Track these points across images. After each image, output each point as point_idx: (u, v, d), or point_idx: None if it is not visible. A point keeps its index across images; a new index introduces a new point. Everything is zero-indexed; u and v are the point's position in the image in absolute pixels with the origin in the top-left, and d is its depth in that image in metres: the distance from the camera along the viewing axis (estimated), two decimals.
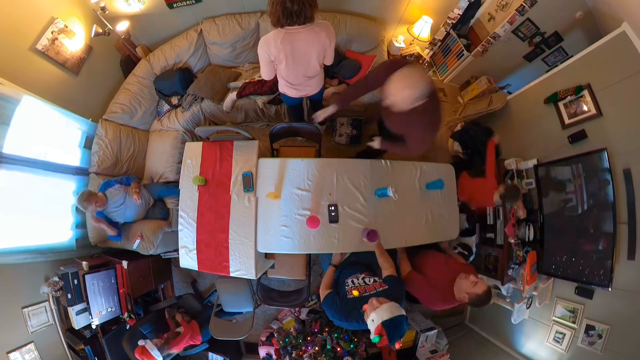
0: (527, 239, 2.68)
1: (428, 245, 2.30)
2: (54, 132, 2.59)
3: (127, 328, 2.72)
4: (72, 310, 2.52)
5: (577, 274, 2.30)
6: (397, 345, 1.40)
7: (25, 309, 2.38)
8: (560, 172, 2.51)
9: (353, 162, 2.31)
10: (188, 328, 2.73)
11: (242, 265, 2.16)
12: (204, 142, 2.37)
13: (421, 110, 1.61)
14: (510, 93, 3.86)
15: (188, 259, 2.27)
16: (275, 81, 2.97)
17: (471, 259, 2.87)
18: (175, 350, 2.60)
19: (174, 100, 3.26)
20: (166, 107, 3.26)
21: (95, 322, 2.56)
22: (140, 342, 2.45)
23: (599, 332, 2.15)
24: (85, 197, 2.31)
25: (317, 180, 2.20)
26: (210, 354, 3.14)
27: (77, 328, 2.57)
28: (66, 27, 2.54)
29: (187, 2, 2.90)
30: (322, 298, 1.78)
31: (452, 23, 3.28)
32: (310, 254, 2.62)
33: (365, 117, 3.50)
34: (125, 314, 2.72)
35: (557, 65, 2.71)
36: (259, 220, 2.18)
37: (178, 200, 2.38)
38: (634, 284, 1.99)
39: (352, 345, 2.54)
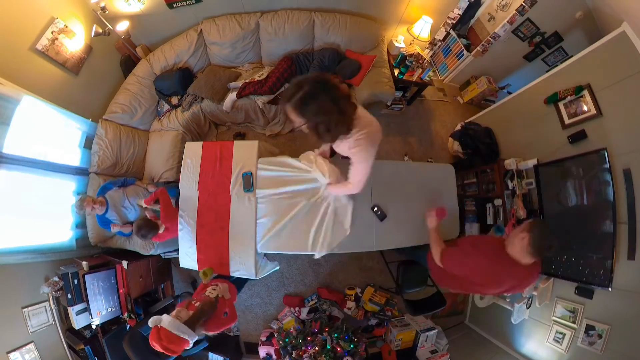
0: None
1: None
2: (54, 132, 2.59)
3: (127, 328, 2.72)
4: (72, 310, 2.52)
5: (577, 274, 2.30)
6: None
7: (25, 309, 2.38)
8: (560, 172, 2.51)
9: None
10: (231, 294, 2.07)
11: (242, 266, 2.16)
12: (204, 142, 2.37)
13: None
14: (510, 93, 3.87)
15: (188, 259, 2.27)
16: (275, 81, 2.99)
17: None
18: (212, 331, 1.83)
19: (174, 100, 3.26)
20: (166, 107, 3.26)
21: (96, 322, 2.56)
22: (154, 322, 1.57)
23: (599, 332, 2.15)
24: (82, 202, 2.31)
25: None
26: (210, 353, 3.14)
27: (77, 328, 2.57)
28: (66, 27, 2.54)
29: (187, 2, 2.90)
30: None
31: (452, 23, 3.28)
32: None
33: None
34: (125, 314, 2.72)
35: (557, 65, 2.71)
36: (259, 220, 2.17)
37: (178, 200, 2.38)
38: (634, 284, 1.99)
39: (352, 345, 2.54)
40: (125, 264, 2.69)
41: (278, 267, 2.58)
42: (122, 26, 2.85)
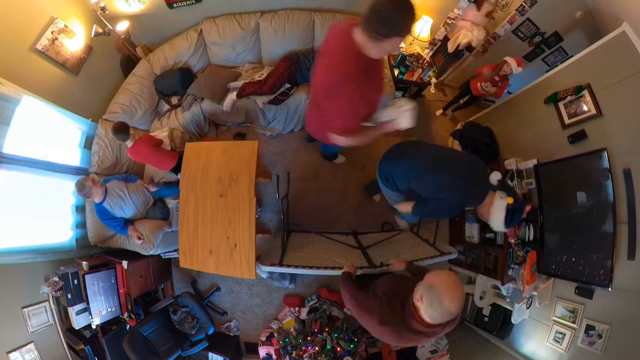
0: (527, 239, 2.68)
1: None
2: (54, 132, 2.59)
3: (127, 328, 2.72)
4: (72, 310, 2.52)
5: (577, 274, 2.30)
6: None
7: (25, 309, 2.38)
8: (560, 172, 2.51)
9: None
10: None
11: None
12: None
13: None
14: (510, 93, 3.87)
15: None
16: (275, 81, 2.99)
17: None
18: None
19: (174, 100, 3.26)
20: (166, 107, 3.26)
21: (96, 322, 2.56)
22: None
23: (599, 332, 2.14)
24: (82, 181, 2.30)
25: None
26: (210, 353, 3.14)
27: (77, 328, 2.57)
28: (66, 27, 2.54)
29: (187, 2, 2.90)
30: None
31: (452, 23, 3.28)
32: None
33: None
34: (125, 314, 2.72)
35: (557, 65, 2.71)
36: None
37: (178, 200, 2.37)
38: (634, 284, 1.99)
39: (352, 345, 2.54)
40: (125, 264, 2.69)
41: None
42: (122, 26, 2.85)
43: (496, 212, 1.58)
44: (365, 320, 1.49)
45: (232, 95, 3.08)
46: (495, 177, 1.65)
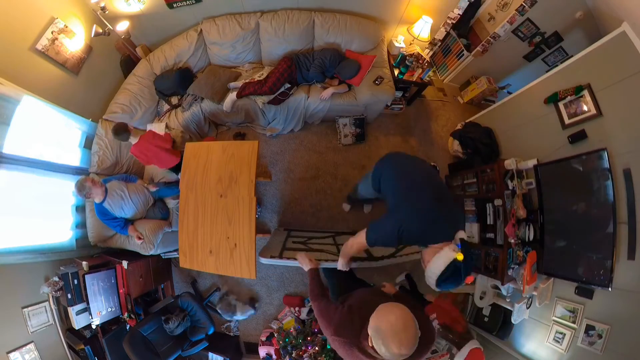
0: (527, 239, 2.68)
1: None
2: (54, 132, 2.59)
3: (127, 328, 2.72)
4: (72, 310, 2.52)
5: (577, 274, 2.30)
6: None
7: (25, 309, 2.38)
8: (560, 172, 2.51)
9: None
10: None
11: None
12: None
13: None
14: (510, 93, 3.87)
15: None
16: (275, 81, 2.99)
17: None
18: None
19: (174, 100, 3.26)
20: (166, 107, 3.26)
21: (96, 322, 2.56)
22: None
23: (599, 332, 2.15)
24: (83, 181, 2.30)
25: None
26: (210, 353, 3.14)
27: (77, 328, 2.57)
28: (66, 27, 2.54)
29: (187, 2, 2.90)
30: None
31: (452, 23, 3.28)
32: None
33: (366, 115, 3.51)
34: (125, 314, 2.72)
35: (557, 65, 2.70)
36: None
37: (178, 200, 2.38)
38: (634, 284, 1.99)
39: None
40: (125, 264, 2.69)
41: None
42: (122, 26, 2.85)
43: (439, 260, 1.39)
44: (324, 326, 1.42)
45: (232, 95, 3.09)
46: (459, 235, 1.48)
